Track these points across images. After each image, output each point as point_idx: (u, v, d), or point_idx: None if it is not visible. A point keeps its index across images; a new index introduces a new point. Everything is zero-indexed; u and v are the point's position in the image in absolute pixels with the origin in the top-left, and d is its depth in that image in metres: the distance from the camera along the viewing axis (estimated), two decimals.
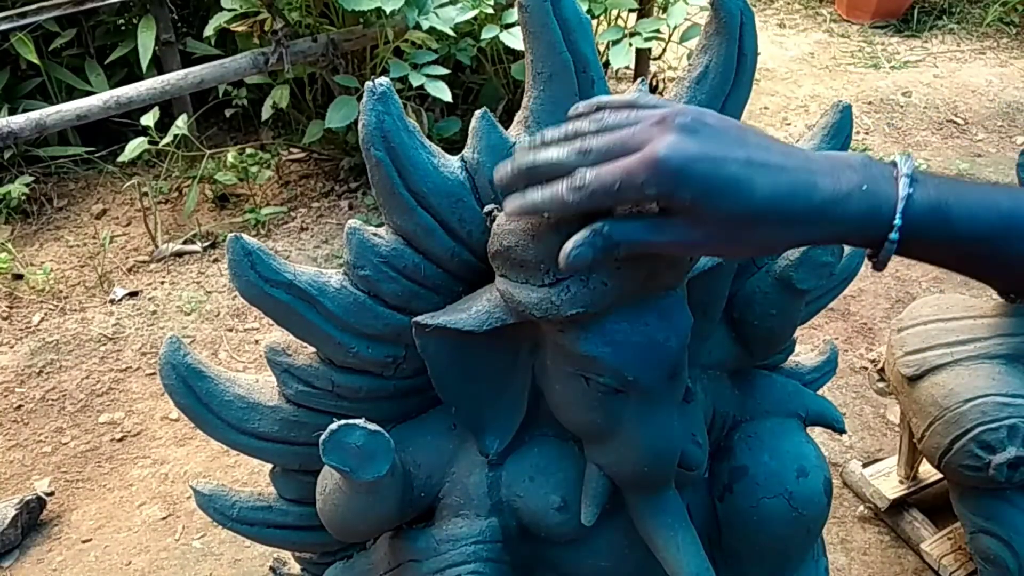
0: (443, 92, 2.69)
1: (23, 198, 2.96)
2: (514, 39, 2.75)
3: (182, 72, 2.89)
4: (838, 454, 2.12)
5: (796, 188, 0.62)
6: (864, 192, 0.62)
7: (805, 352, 1.25)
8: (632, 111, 0.66)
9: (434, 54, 2.81)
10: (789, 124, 3.57)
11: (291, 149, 3.30)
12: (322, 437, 0.82)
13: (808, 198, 0.62)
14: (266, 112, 3.09)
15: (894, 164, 0.64)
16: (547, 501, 0.93)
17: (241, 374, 1.01)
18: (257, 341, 2.51)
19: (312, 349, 0.94)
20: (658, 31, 3.06)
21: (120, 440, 2.23)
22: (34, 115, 2.68)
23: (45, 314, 2.61)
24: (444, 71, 2.75)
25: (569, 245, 0.67)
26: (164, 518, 2.03)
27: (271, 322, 0.90)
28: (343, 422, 0.83)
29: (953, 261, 0.66)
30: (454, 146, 2.42)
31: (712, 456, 1.02)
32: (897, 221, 0.62)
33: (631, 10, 3.16)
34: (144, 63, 3.07)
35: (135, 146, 2.68)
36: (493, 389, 0.92)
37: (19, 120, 2.66)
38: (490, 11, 2.83)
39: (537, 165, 0.68)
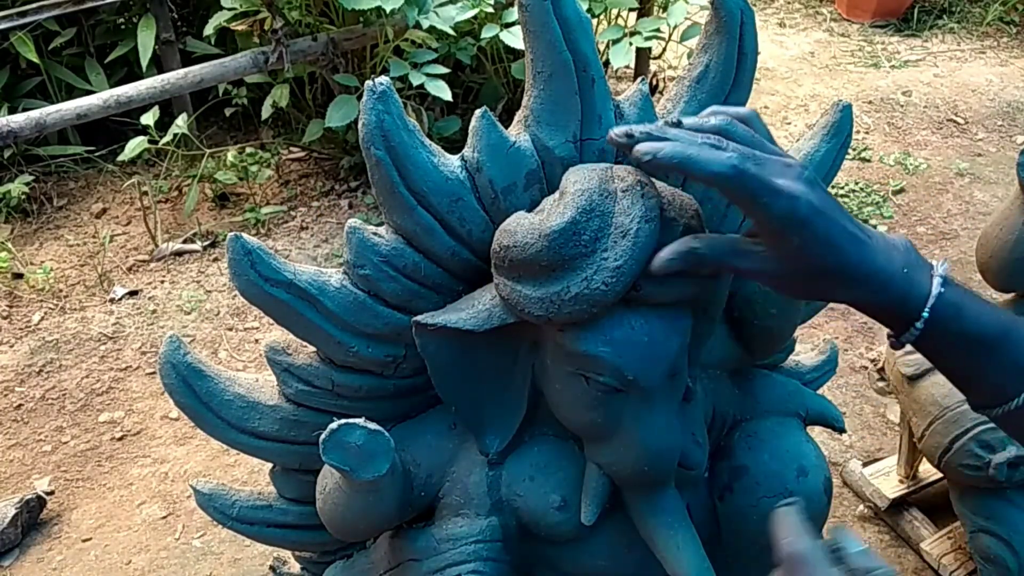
0: (443, 91, 2.69)
1: (23, 197, 2.96)
2: (514, 38, 2.74)
3: (182, 71, 2.89)
4: (838, 453, 2.12)
5: (873, 260, 0.70)
6: (904, 275, 0.70)
7: (805, 351, 1.25)
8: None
9: (434, 53, 2.81)
10: (789, 123, 3.57)
11: (291, 148, 3.30)
12: (322, 436, 0.82)
13: (873, 269, 0.70)
14: (266, 111, 3.08)
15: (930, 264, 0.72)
16: (547, 500, 0.93)
17: (241, 373, 1.01)
18: (257, 340, 2.51)
19: (312, 348, 0.94)
20: (658, 30, 3.05)
21: (120, 439, 2.23)
22: (34, 114, 2.68)
23: (45, 313, 2.61)
24: (444, 70, 2.75)
25: (664, 253, 0.73)
26: (164, 517, 2.03)
27: (271, 321, 0.90)
28: (343, 421, 0.83)
29: (953, 358, 0.73)
30: (454, 145, 2.41)
31: (712, 455, 1.02)
32: (925, 314, 0.70)
33: (631, 9, 3.16)
34: (144, 62, 3.06)
35: (135, 145, 2.67)
36: (493, 388, 0.92)
37: (19, 119, 2.65)
38: (490, 10, 2.83)
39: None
